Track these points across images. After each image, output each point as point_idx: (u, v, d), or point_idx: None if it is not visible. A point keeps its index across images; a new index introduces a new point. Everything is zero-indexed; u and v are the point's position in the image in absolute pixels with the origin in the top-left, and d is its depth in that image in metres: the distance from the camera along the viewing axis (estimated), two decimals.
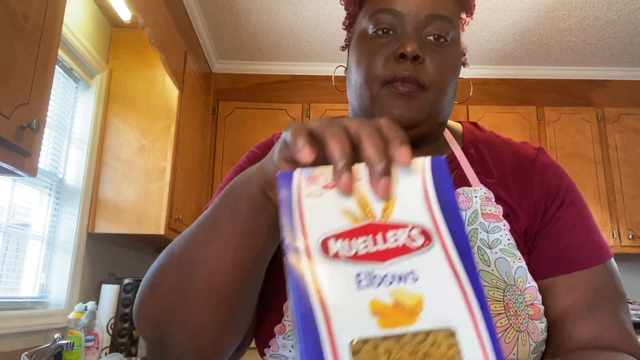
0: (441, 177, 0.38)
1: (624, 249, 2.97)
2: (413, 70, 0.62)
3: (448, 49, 0.65)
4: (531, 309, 0.58)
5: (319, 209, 0.37)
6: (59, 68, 2.08)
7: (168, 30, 2.28)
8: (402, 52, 0.61)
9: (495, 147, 0.72)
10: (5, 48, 1.08)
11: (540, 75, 3.35)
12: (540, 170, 0.68)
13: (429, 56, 0.63)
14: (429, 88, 0.63)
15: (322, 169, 0.38)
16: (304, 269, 0.35)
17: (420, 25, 0.64)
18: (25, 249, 1.92)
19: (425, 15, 0.63)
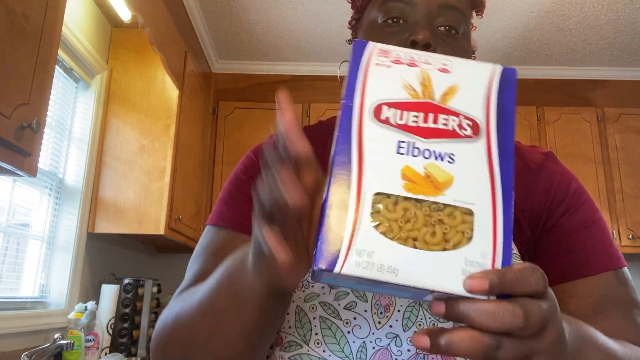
0: (508, 84, 0.40)
1: (624, 249, 2.97)
2: None
3: (459, 41, 0.63)
4: None
5: (383, 77, 0.39)
6: (59, 68, 2.08)
7: (168, 30, 2.28)
8: (413, 39, 0.60)
9: None
10: (5, 48, 1.08)
11: (540, 75, 3.35)
12: (546, 178, 0.66)
13: (440, 47, 0.62)
14: None
15: (396, 47, 0.40)
16: (353, 124, 0.37)
17: (433, 15, 0.62)
18: (25, 249, 1.92)
19: (438, 5, 0.62)
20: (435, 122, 0.38)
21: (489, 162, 0.37)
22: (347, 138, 0.37)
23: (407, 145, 0.37)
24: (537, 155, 0.69)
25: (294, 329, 0.56)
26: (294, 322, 0.56)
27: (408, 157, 0.36)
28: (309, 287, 0.57)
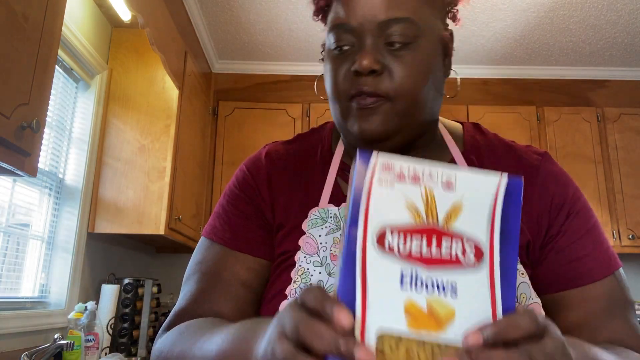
0: (513, 199, 0.39)
1: (624, 249, 2.97)
2: (371, 84, 0.59)
3: (414, 51, 0.60)
4: None
5: (386, 198, 0.38)
6: (59, 68, 2.08)
7: (168, 30, 2.28)
8: (355, 69, 0.59)
9: (497, 154, 0.69)
10: (5, 48, 1.08)
11: (540, 75, 3.35)
12: (544, 180, 0.66)
13: (392, 63, 0.60)
14: (395, 97, 0.60)
15: (399, 158, 0.40)
16: (357, 253, 0.37)
17: (376, 34, 0.60)
18: (25, 249, 1.92)
19: (378, 23, 0.59)
20: (439, 246, 0.38)
21: (491, 291, 0.37)
22: (352, 269, 0.37)
23: (410, 277, 0.37)
24: (533, 156, 0.69)
25: None
26: None
27: (411, 291, 0.37)
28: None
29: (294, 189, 0.68)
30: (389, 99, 0.60)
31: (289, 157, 0.72)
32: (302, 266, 0.61)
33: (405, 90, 0.60)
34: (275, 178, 0.69)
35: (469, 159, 0.68)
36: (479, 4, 2.65)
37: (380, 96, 0.59)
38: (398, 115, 0.60)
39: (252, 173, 0.71)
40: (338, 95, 0.63)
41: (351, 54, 0.62)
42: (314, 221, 0.64)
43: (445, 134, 0.71)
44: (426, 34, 0.62)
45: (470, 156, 0.68)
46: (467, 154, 0.69)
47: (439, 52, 0.64)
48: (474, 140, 0.71)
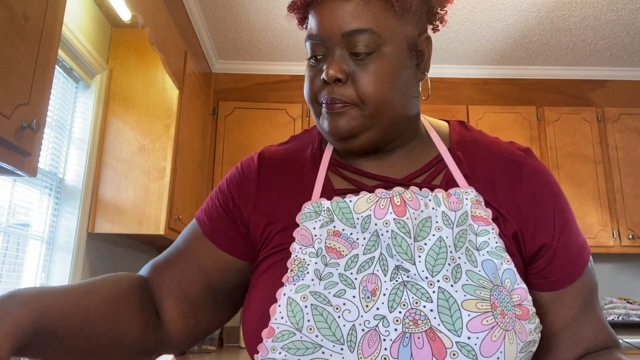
0: None
1: (624, 249, 2.97)
2: (337, 92, 0.64)
3: (378, 58, 0.64)
4: (519, 309, 0.59)
5: None
6: (59, 68, 2.08)
7: (168, 30, 2.28)
8: (322, 78, 0.65)
9: (483, 149, 0.72)
10: (5, 48, 1.08)
11: (540, 75, 3.35)
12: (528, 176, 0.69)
13: (357, 72, 0.64)
14: (360, 103, 0.64)
15: None
16: None
17: (341, 45, 0.64)
18: (25, 249, 1.92)
19: (342, 34, 0.64)
20: None
21: None
22: None
23: None
24: (517, 152, 0.72)
25: (286, 318, 0.58)
26: (285, 312, 0.58)
27: None
28: (299, 280, 0.60)
29: (287, 186, 0.71)
30: (355, 104, 0.65)
31: (282, 157, 0.75)
32: (298, 256, 0.62)
33: (368, 96, 0.64)
34: (266, 177, 0.73)
35: (455, 154, 0.70)
36: (479, 4, 2.65)
37: (345, 102, 0.64)
38: (364, 117, 0.65)
39: (244, 171, 0.75)
40: (311, 99, 0.69)
41: (323, 62, 0.67)
42: (307, 215, 0.66)
43: (430, 131, 0.74)
44: (390, 42, 0.65)
45: (457, 152, 0.71)
46: (453, 150, 0.71)
47: (406, 57, 0.67)
48: (460, 136, 0.74)
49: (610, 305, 2.80)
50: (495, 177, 0.68)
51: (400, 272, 0.60)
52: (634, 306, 2.79)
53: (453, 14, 2.74)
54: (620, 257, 3.23)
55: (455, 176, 0.68)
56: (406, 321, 0.56)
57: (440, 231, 0.62)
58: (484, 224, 0.64)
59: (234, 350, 2.75)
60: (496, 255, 0.61)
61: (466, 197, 0.65)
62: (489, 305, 0.57)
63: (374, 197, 0.65)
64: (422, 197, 0.64)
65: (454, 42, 3.04)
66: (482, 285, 0.58)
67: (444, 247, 0.61)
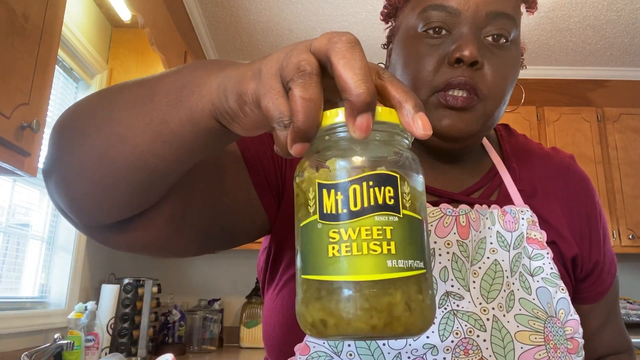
0: None
1: (624, 249, 2.97)
2: (470, 76, 0.55)
3: (509, 51, 0.58)
4: (570, 342, 0.56)
5: None
6: (59, 68, 2.08)
7: (168, 30, 2.28)
8: (458, 56, 0.54)
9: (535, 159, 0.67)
10: (5, 48, 1.08)
11: (540, 75, 3.35)
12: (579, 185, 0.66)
13: (487, 60, 0.56)
14: (487, 96, 0.56)
15: None
16: None
17: (480, 25, 0.56)
18: (25, 249, 1.92)
19: (486, 13, 0.56)
20: None
21: None
22: None
23: None
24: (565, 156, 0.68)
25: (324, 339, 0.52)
26: None
27: None
28: None
29: None
30: (481, 98, 0.56)
31: None
32: None
33: (497, 91, 0.57)
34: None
35: (510, 166, 0.65)
36: None
37: (474, 92, 0.56)
38: (484, 116, 0.57)
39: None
40: (422, 85, 0.57)
41: (444, 41, 0.57)
42: None
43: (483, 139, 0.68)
44: (517, 38, 0.60)
45: (512, 164, 0.66)
46: (507, 161, 0.66)
47: (520, 58, 0.62)
48: (511, 144, 0.69)
49: None
50: (552, 189, 0.64)
51: (450, 299, 0.54)
52: (634, 306, 2.79)
53: None
54: (620, 257, 3.22)
55: (511, 192, 0.62)
56: (457, 350, 0.52)
57: (495, 253, 0.57)
58: (538, 247, 0.58)
59: (234, 350, 2.75)
60: (551, 283, 0.57)
61: (522, 217, 0.59)
62: (543, 339, 0.54)
63: (438, 212, 0.58)
64: (483, 217, 0.59)
65: None
66: (536, 315, 0.55)
67: (500, 272, 0.56)
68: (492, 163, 0.66)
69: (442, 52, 0.56)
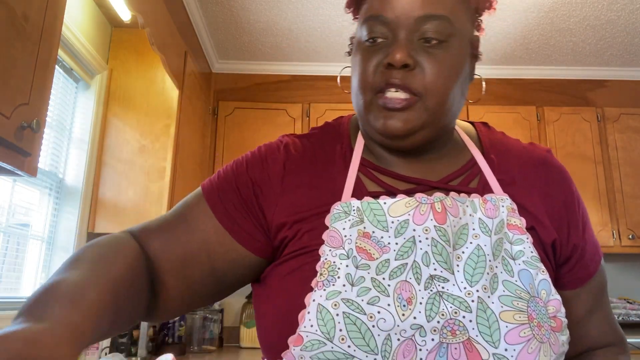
0: None
1: (624, 249, 2.97)
2: (402, 78, 0.60)
3: (447, 49, 0.61)
4: (554, 321, 0.58)
5: None
6: (59, 68, 2.08)
7: (168, 30, 2.28)
8: (388, 61, 0.60)
9: (512, 152, 0.71)
10: (5, 48, 1.08)
11: (540, 75, 3.35)
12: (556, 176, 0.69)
13: (424, 60, 0.60)
14: (424, 94, 0.60)
15: None
16: None
17: (412, 29, 0.61)
18: (25, 249, 1.92)
19: (416, 18, 0.60)
20: None
21: None
22: None
23: None
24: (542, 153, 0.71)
25: (316, 327, 0.54)
26: (315, 320, 0.55)
27: None
28: (330, 285, 0.57)
29: (315, 185, 0.65)
30: (418, 96, 0.61)
31: (308, 152, 0.69)
32: (328, 259, 0.59)
33: (435, 88, 0.60)
34: (292, 172, 0.66)
35: (489, 158, 0.69)
36: None
37: (410, 92, 0.60)
38: (425, 112, 0.61)
39: (268, 160, 0.67)
40: (365, 87, 0.63)
41: (384, 47, 0.62)
42: (336, 215, 0.62)
43: (462, 134, 0.72)
44: (459, 35, 0.63)
45: (491, 156, 0.69)
46: (487, 153, 0.70)
47: (468, 54, 0.65)
48: (489, 139, 0.73)
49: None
50: (529, 179, 0.68)
51: (434, 281, 0.57)
52: (634, 306, 2.79)
53: None
54: (620, 257, 3.23)
55: (490, 181, 0.66)
56: (444, 331, 0.55)
57: (477, 239, 0.61)
58: (519, 232, 0.62)
59: (234, 350, 2.75)
60: (532, 266, 0.60)
61: (502, 204, 0.64)
62: (527, 317, 0.56)
63: (414, 201, 0.62)
64: (461, 204, 0.62)
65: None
66: (519, 296, 0.58)
67: (483, 256, 0.59)
68: (472, 155, 0.70)
69: (380, 57, 0.62)
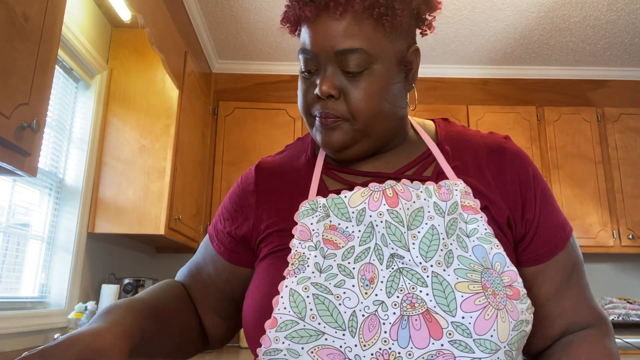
0: None
1: (624, 249, 2.97)
2: (330, 108, 0.67)
3: (369, 76, 0.67)
4: (510, 289, 0.62)
5: None
6: (59, 68, 2.08)
7: (168, 30, 2.28)
8: (316, 93, 0.67)
9: (468, 141, 0.75)
10: (5, 48, 1.08)
11: (540, 75, 3.35)
12: (511, 159, 0.73)
13: (348, 88, 0.67)
14: (352, 117, 0.67)
15: None
16: None
17: (334, 62, 0.67)
18: (25, 249, 1.92)
19: (335, 52, 0.66)
20: None
21: None
22: None
23: None
24: (499, 139, 0.76)
25: (289, 309, 0.60)
26: (288, 303, 0.61)
27: None
28: (300, 272, 0.63)
29: (284, 192, 0.75)
30: (347, 119, 0.68)
31: (278, 165, 0.79)
32: (298, 251, 0.66)
33: (360, 112, 0.67)
34: (264, 186, 0.77)
35: (443, 148, 0.74)
36: (479, 4, 2.65)
37: (337, 117, 0.68)
38: (355, 131, 0.69)
39: (242, 185, 0.79)
40: (305, 111, 0.72)
41: (313, 77, 0.70)
42: (304, 212, 0.69)
43: (419, 130, 0.78)
44: (381, 60, 0.67)
45: (445, 146, 0.74)
46: (441, 144, 0.75)
47: (395, 71, 0.70)
48: (446, 132, 0.78)
49: (610, 305, 2.80)
50: (483, 164, 0.72)
51: (395, 259, 0.63)
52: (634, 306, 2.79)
53: (453, 14, 2.74)
54: (620, 257, 3.23)
55: (444, 169, 0.71)
56: (404, 305, 0.60)
57: (432, 220, 0.65)
58: (473, 212, 0.67)
59: (234, 350, 2.75)
60: (485, 241, 0.64)
61: (455, 189, 0.68)
62: (480, 287, 0.60)
63: (368, 190, 0.68)
64: (414, 189, 0.68)
65: (454, 42, 3.04)
66: (473, 268, 0.62)
67: (437, 235, 0.64)
68: (427, 147, 0.75)
69: (311, 90, 0.70)
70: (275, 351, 0.60)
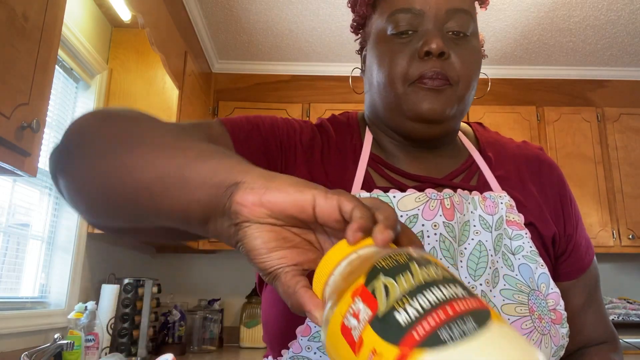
0: None
1: (624, 249, 2.97)
2: (441, 67, 0.61)
3: (470, 42, 0.64)
4: (553, 313, 0.60)
5: None
6: (59, 68, 2.08)
7: (168, 30, 2.28)
8: (427, 49, 0.61)
9: (506, 149, 0.73)
10: (5, 48, 1.08)
11: (540, 75, 3.34)
12: (549, 171, 0.71)
13: (453, 51, 0.63)
14: (457, 83, 0.63)
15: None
16: None
17: (441, 21, 0.63)
18: (25, 249, 1.92)
19: (446, 10, 0.63)
20: None
21: None
22: None
23: None
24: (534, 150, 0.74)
25: None
26: None
27: None
28: None
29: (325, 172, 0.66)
30: (452, 84, 0.62)
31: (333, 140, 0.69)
32: None
33: (465, 77, 0.63)
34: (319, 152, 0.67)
35: (486, 156, 0.71)
36: None
37: (447, 80, 0.62)
38: (458, 100, 0.63)
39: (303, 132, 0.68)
40: (397, 78, 0.63)
41: (412, 39, 0.63)
42: None
43: (460, 134, 0.74)
44: (476, 31, 0.66)
45: (488, 153, 0.72)
46: (484, 152, 0.72)
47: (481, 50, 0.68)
48: (486, 138, 0.75)
49: (610, 305, 2.80)
50: (524, 175, 0.70)
51: None
52: (634, 306, 2.79)
53: None
54: (620, 257, 3.23)
55: (488, 178, 0.68)
56: None
57: (478, 235, 0.62)
58: (517, 228, 0.64)
59: (234, 350, 2.75)
60: (531, 260, 0.62)
61: (501, 202, 0.65)
62: (527, 310, 0.58)
63: (424, 197, 0.63)
64: (466, 201, 0.64)
65: None
66: (520, 289, 0.59)
67: (485, 251, 0.61)
68: (469, 153, 0.72)
69: (412, 48, 0.63)
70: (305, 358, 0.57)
